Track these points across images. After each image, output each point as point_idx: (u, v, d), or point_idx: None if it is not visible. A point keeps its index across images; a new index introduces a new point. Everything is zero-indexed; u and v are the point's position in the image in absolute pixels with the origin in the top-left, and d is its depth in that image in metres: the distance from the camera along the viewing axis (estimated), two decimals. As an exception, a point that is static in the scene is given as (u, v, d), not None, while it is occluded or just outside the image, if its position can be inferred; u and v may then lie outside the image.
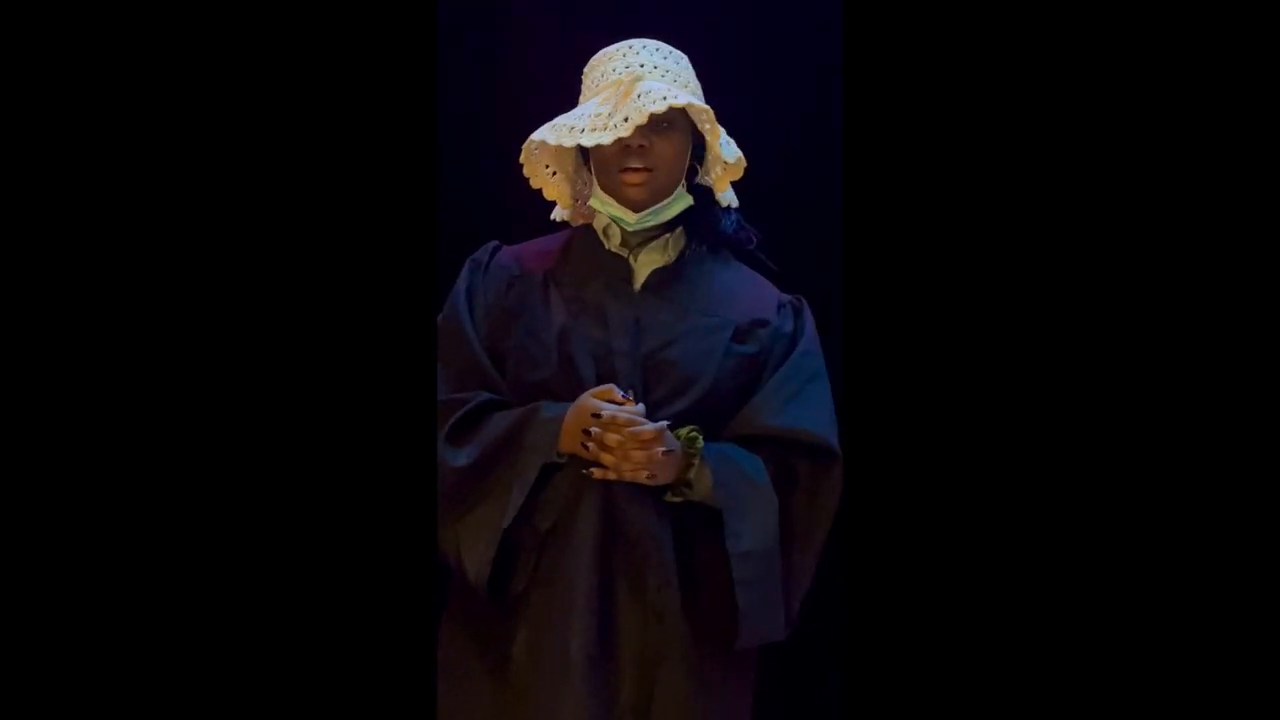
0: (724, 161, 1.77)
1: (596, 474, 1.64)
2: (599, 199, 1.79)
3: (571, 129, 1.70)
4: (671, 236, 1.81)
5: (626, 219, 1.76)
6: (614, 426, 1.62)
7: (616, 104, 1.69)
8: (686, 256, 1.81)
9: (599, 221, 1.82)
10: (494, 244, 1.85)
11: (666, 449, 1.63)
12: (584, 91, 1.79)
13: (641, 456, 1.62)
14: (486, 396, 1.73)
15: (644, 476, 1.63)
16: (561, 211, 1.88)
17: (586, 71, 1.80)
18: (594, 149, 1.75)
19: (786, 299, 1.84)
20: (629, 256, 1.80)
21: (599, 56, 1.79)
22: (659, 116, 1.69)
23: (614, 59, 1.76)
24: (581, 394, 1.66)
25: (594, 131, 1.68)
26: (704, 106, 1.71)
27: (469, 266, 1.82)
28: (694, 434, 1.68)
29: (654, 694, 1.64)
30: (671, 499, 1.68)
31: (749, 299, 1.81)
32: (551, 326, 1.73)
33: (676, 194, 1.78)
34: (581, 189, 1.87)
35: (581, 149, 1.81)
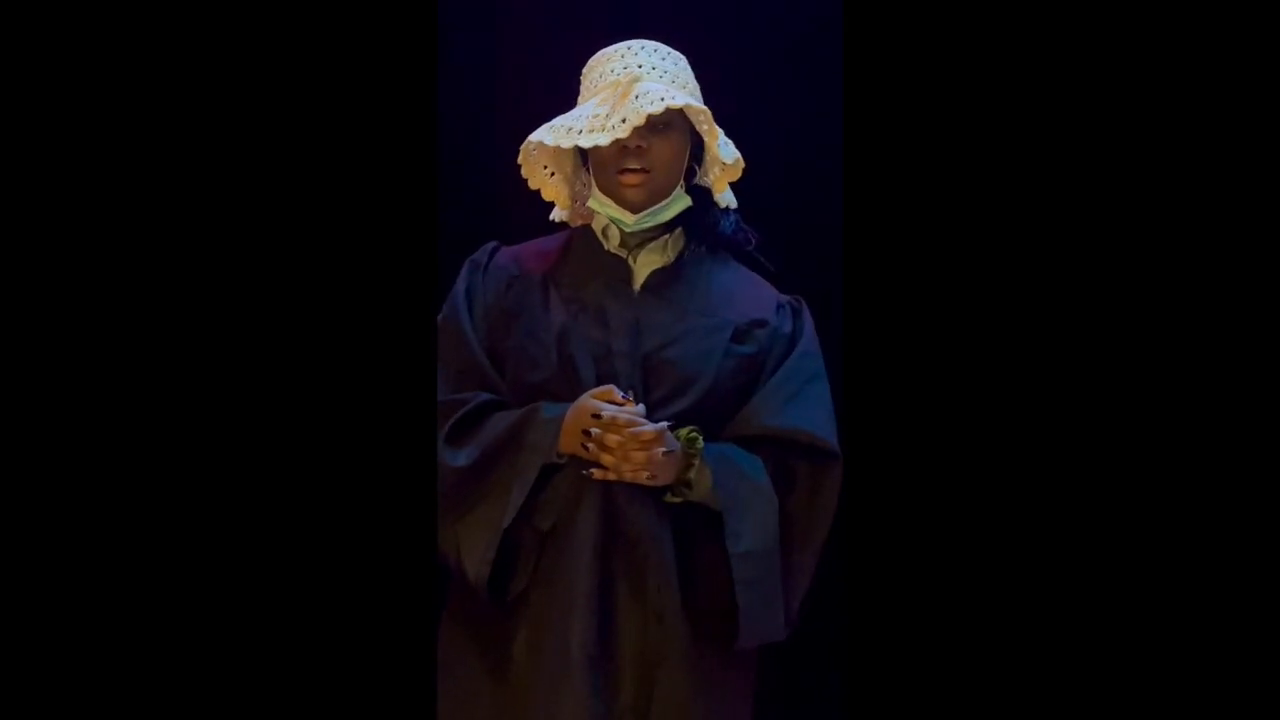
0: (722, 162, 1.76)
1: (596, 474, 1.64)
2: (597, 200, 1.78)
3: (569, 130, 1.70)
4: (670, 237, 1.81)
5: (625, 220, 1.76)
6: (614, 427, 1.61)
7: (614, 105, 1.69)
8: (685, 257, 1.81)
9: (598, 222, 1.82)
10: (492, 244, 1.85)
11: (667, 449, 1.63)
12: (582, 92, 1.79)
13: (642, 457, 1.62)
14: (486, 397, 1.72)
15: (644, 477, 1.63)
16: (560, 212, 1.88)
17: (585, 73, 1.80)
18: (592, 150, 1.75)
19: (785, 299, 1.84)
20: (628, 257, 1.80)
21: (597, 58, 1.79)
22: (657, 118, 1.69)
23: (612, 60, 1.76)
24: (581, 394, 1.66)
25: (592, 133, 1.68)
26: (701, 107, 1.71)
27: (468, 267, 1.82)
28: (694, 434, 1.68)
29: (654, 694, 1.64)
30: (671, 499, 1.68)
31: (748, 299, 1.81)
32: (551, 327, 1.73)
33: (675, 195, 1.78)
34: (580, 190, 1.86)
35: (580, 150, 1.81)
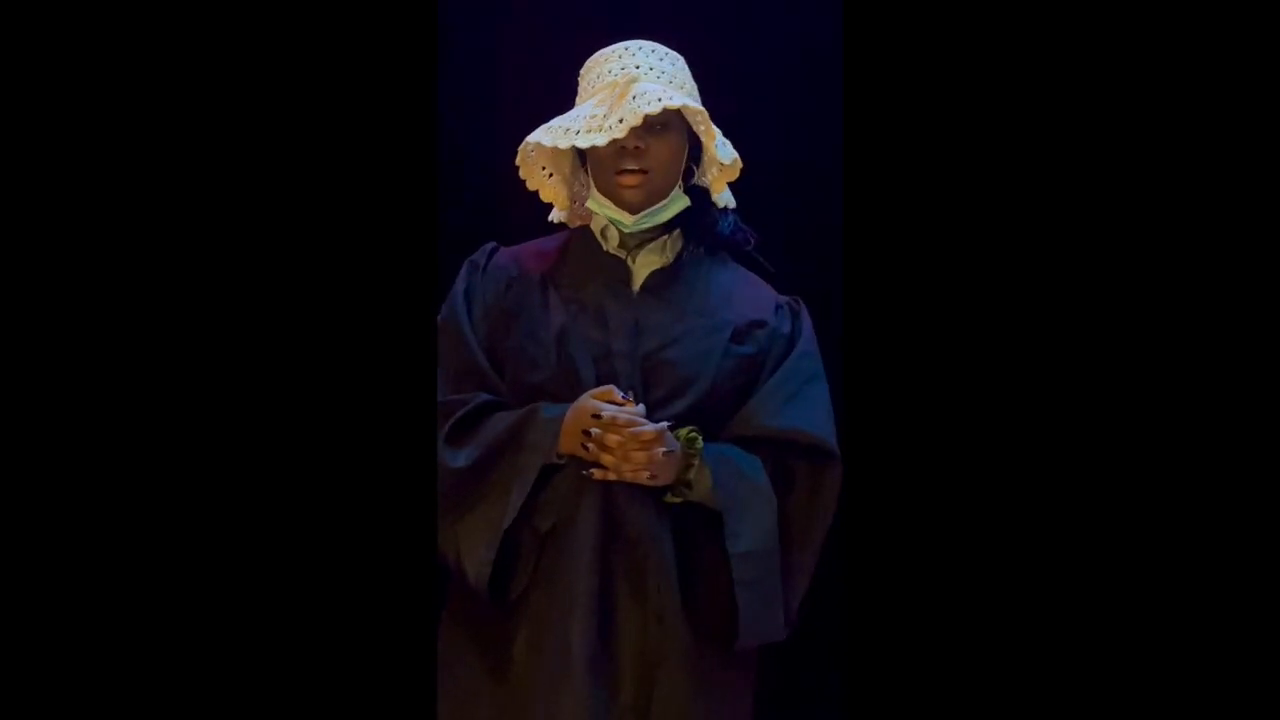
0: (720, 163, 1.76)
1: (597, 475, 1.64)
2: (596, 201, 1.78)
3: (567, 131, 1.70)
4: (669, 238, 1.81)
5: (624, 221, 1.76)
6: (614, 427, 1.61)
7: (612, 106, 1.69)
8: (684, 258, 1.81)
9: (597, 223, 1.82)
10: (491, 245, 1.85)
11: (667, 449, 1.63)
12: (580, 93, 1.79)
13: (642, 457, 1.62)
14: (485, 398, 1.72)
15: (644, 477, 1.63)
16: (559, 213, 1.88)
17: (582, 73, 1.80)
18: (590, 151, 1.75)
19: (784, 300, 1.84)
20: (627, 258, 1.80)
21: (595, 58, 1.79)
22: (654, 118, 1.69)
23: (610, 60, 1.76)
24: (581, 395, 1.66)
25: (589, 133, 1.68)
26: (699, 108, 1.71)
27: (467, 268, 1.82)
28: (693, 434, 1.68)
29: (654, 694, 1.63)
30: (671, 499, 1.68)
31: (747, 300, 1.81)
32: (550, 328, 1.73)
33: (673, 195, 1.78)
34: (578, 191, 1.86)
35: (578, 151, 1.81)
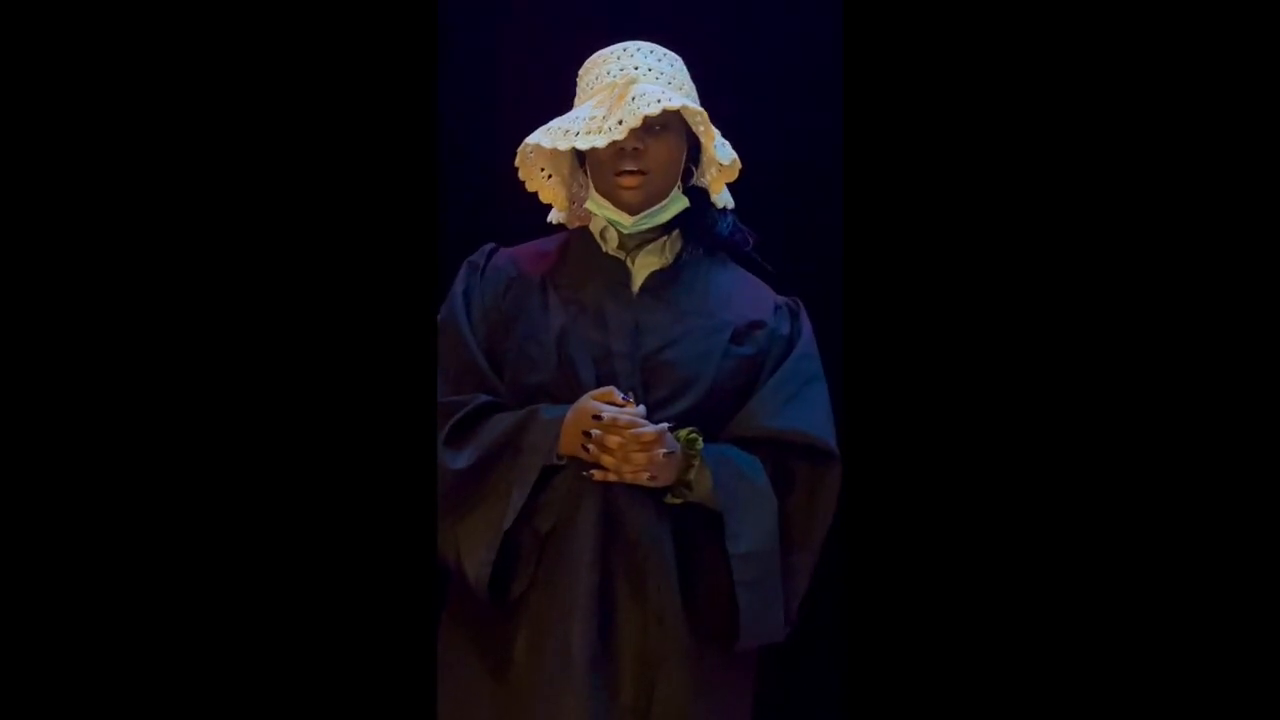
0: (719, 163, 1.76)
1: (597, 476, 1.64)
2: (595, 202, 1.78)
3: (566, 132, 1.70)
4: (668, 239, 1.81)
5: (623, 222, 1.76)
6: (615, 429, 1.61)
7: (611, 107, 1.69)
8: (683, 259, 1.81)
9: (596, 224, 1.82)
10: (490, 246, 1.85)
11: (667, 450, 1.63)
12: (578, 94, 1.79)
13: (643, 458, 1.62)
14: (485, 399, 1.72)
15: (645, 478, 1.63)
16: (558, 214, 1.88)
17: (581, 74, 1.80)
18: (589, 152, 1.75)
19: (782, 301, 1.84)
20: (626, 259, 1.80)
21: (593, 59, 1.79)
22: (653, 119, 1.69)
23: (608, 61, 1.76)
24: (581, 396, 1.66)
25: (588, 134, 1.68)
26: (698, 109, 1.71)
27: (465, 269, 1.82)
28: (694, 435, 1.68)
29: (654, 695, 1.63)
30: (671, 500, 1.68)
31: (746, 301, 1.81)
32: (550, 329, 1.73)
33: (672, 196, 1.78)
34: (577, 192, 1.86)
35: (577, 152, 1.81)
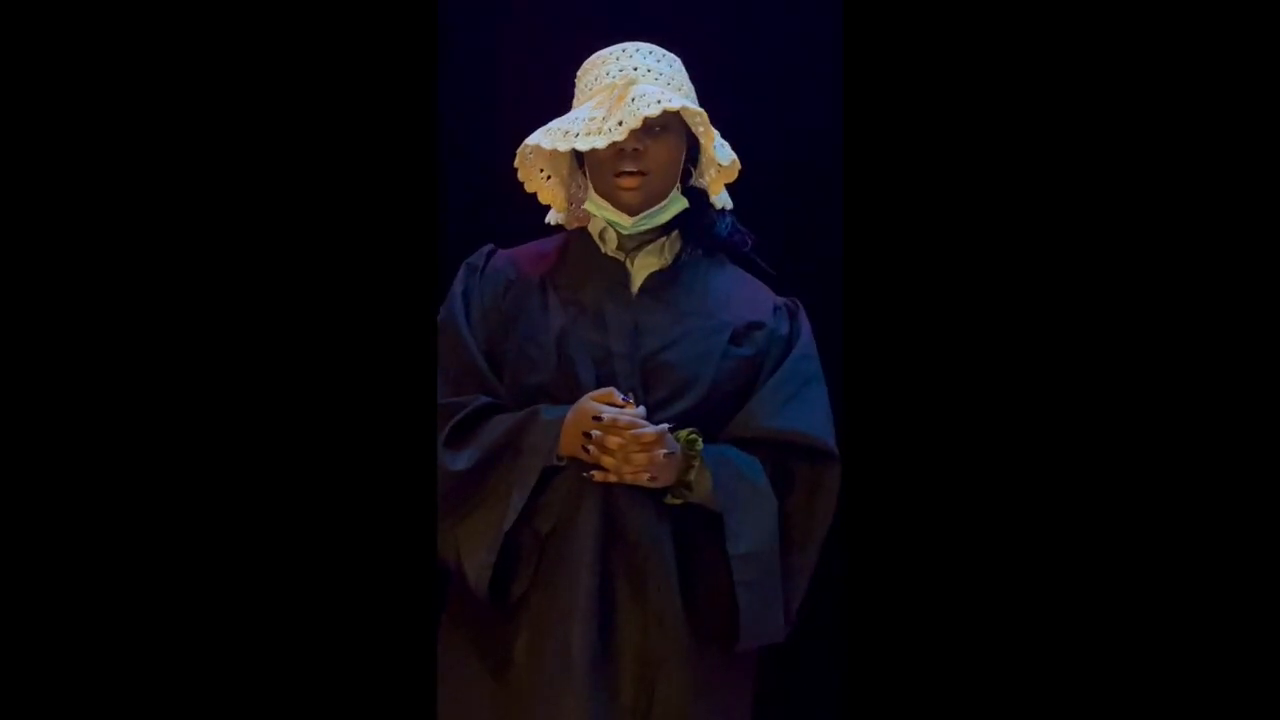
0: (718, 164, 1.76)
1: (597, 477, 1.64)
2: (594, 203, 1.78)
3: (565, 133, 1.70)
4: (667, 240, 1.81)
5: (622, 223, 1.76)
6: (615, 429, 1.61)
7: (610, 108, 1.69)
8: (683, 260, 1.81)
9: (595, 225, 1.82)
10: (489, 247, 1.85)
11: (668, 451, 1.63)
12: (577, 95, 1.79)
13: (643, 459, 1.61)
14: (485, 400, 1.72)
15: (645, 479, 1.63)
16: (556, 215, 1.88)
17: (579, 75, 1.80)
18: (589, 153, 1.75)
19: (781, 301, 1.84)
20: (625, 260, 1.80)
21: (592, 60, 1.79)
22: (653, 120, 1.69)
23: (607, 62, 1.76)
24: (581, 397, 1.66)
25: (588, 135, 1.68)
26: (698, 109, 1.71)
27: (464, 270, 1.81)
28: (693, 436, 1.68)
29: (654, 696, 1.63)
30: (671, 501, 1.68)
31: (745, 301, 1.81)
32: (550, 330, 1.73)
33: (671, 197, 1.78)
34: (576, 193, 1.86)
35: (576, 153, 1.81)
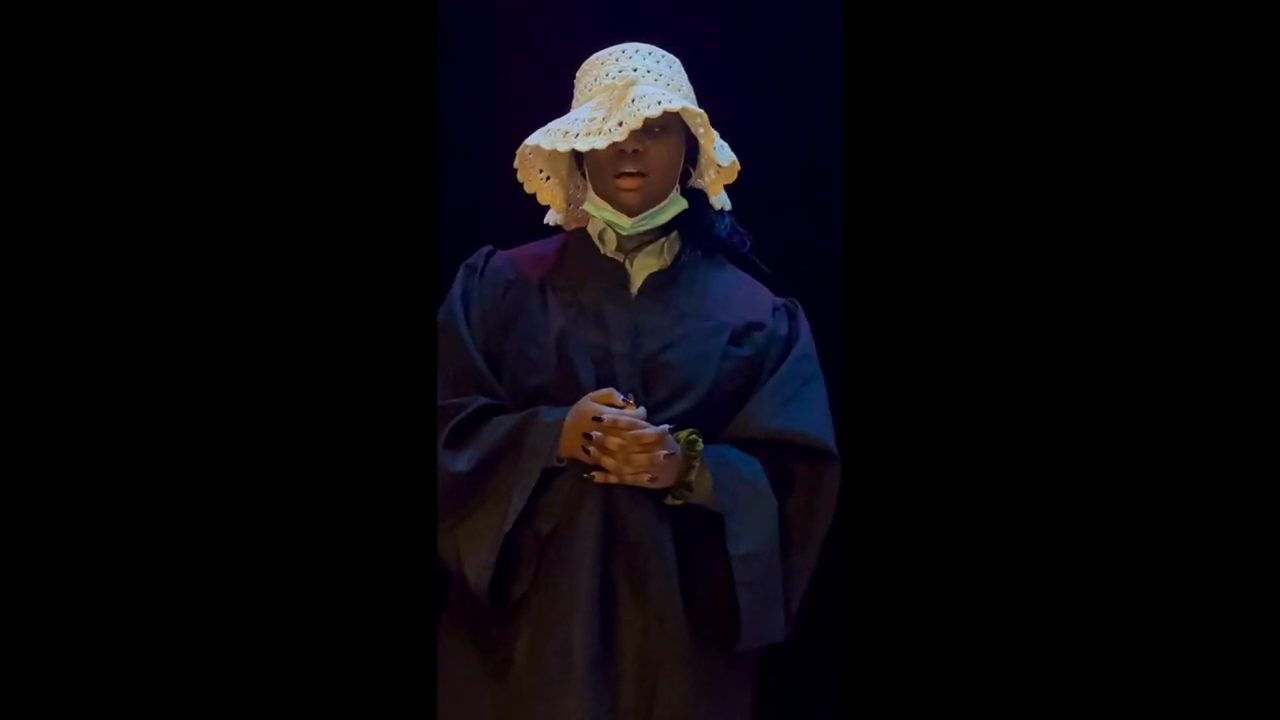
0: (717, 165, 1.76)
1: (598, 478, 1.64)
2: (594, 204, 1.78)
3: (565, 134, 1.70)
4: (667, 240, 1.81)
5: (622, 223, 1.76)
6: (615, 430, 1.61)
7: (610, 108, 1.69)
8: (682, 260, 1.81)
9: (594, 226, 1.82)
10: (488, 248, 1.85)
11: (668, 452, 1.63)
12: (577, 96, 1.79)
13: (644, 460, 1.61)
14: (484, 401, 1.72)
15: (645, 480, 1.62)
16: (556, 216, 1.88)
17: (579, 76, 1.80)
18: (588, 154, 1.75)
19: (780, 302, 1.84)
20: (625, 261, 1.80)
21: (591, 61, 1.79)
22: (653, 121, 1.69)
23: (607, 63, 1.76)
24: (581, 398, 1.66)
25: (588, 136, 1.68)
26: (698, 110, 1.72)
27: (464, 271, 1.81)
28: (694, 437, 1.68)
29: (655, 696, 1.63)
30: (672, 502, 1.68)
31: (744, 302, 1.81)
32: (550, 331, 1.72)
33: (671, 198, 1.78)
34: (575, 193, 1.86)
35: (575, 153, 1.81)
